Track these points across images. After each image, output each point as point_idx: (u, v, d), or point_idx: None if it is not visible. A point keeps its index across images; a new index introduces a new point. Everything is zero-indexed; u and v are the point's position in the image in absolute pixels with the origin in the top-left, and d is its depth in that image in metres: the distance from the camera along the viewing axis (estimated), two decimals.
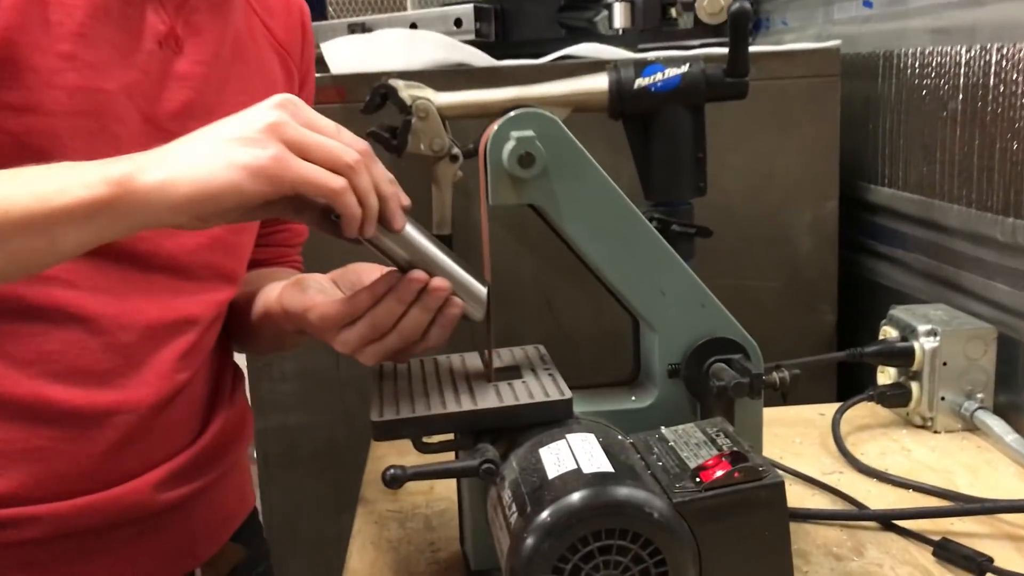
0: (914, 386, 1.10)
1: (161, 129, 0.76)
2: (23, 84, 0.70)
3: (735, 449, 0.70)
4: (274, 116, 0.64)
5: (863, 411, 1.16)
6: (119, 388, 0.78)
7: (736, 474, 0.67)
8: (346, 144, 0.66)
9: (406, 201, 0.73)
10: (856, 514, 0.90)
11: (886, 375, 1.15)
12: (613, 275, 0.78)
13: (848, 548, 0.85)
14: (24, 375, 0.74)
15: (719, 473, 0.67)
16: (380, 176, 0.68)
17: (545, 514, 0.65)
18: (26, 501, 0.76)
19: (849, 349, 1.10)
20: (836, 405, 1.14)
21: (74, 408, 0.76)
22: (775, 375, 0.77)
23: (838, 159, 1.36)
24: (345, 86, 1.32)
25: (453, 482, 0.84)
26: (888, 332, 1.14)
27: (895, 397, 1.11)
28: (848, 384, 1.37)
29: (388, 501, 0.99)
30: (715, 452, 0.71)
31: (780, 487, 0.67)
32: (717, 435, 0.74)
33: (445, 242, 1.35)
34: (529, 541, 0.64)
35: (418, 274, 0.74)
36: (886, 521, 0.88)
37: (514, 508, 0.68)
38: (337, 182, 0.65)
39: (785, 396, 0.77)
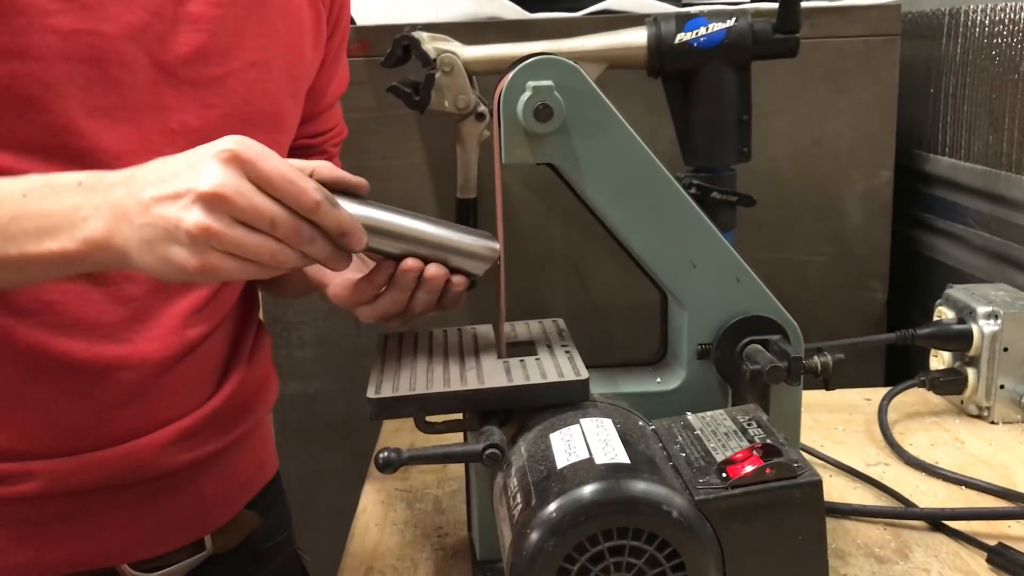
0: (970, 372, 1.01)
1: (173, 75, 0.71)
2: (8, 28, 0.65)
3: (768, 441, 0.63)
4: (205, 216, 0.58)
5: (913, 397, 1.07)
6: (124, 342, 0.74)
7: (768, 470, 0.59)
8: (299, 194, 0.61)
9: (364, 187, 0.69)
10: (902, 512, 0.82)
11: (939, 359, 1.06)
12: (639, 244, 0.70)
13: (892, 550, 0.78)
14: (22, 325, 0.70)
15: (748, 469, 0.60)
16: (333, 222, 0.63)
17: (551, 508, 0.58)
18: (23, 456, 0.72)
19: (900, 330, 1.02)
20: (884, 390, 1.06)
21: (76, 361, 0.72)
22: (816, 359, 0.69)
23: (895, 126, 1.26)
24: (369, 39, 1.25)
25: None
26: (943, 313, 1.05)
27: (949, 384, 1.02)
28: (898, 368, 1.29)
29: (397, 479, 0.94)
30: (745, 444, 0.64)
31: (817, 487, 0.60)
32: (749, 424, 0.66)
33: (470, 207, 1.29)
34: (533, 537, 0.58)
35: (411, 263, 0.70)
36: (935, 521, 0.81)
37: (519, 499, 0.62)
38: (281, 262, 0.61)
39: (827, 383, 0.70)
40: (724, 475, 0.60)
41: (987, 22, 1.15)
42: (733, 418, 0.68)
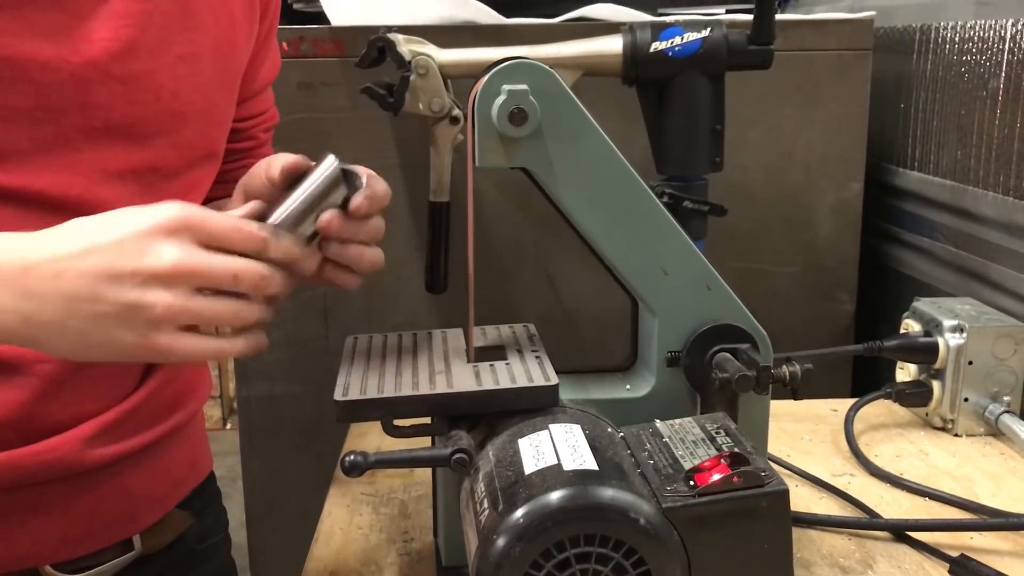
0: (936, 385, 1.02)
1: (102, 71, 0.68)
2: None
3: (736, 450, 0.63)
4: (167, 294, 0.57)
5: (879, 409, 1.08)
6: None
7: (735, 479, 0.59)
8: (248, 238, 0.61)
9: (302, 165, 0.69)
10: (867, 523, 0.83)
11: (905, 371, 1.07)
12: (611, 250, 0.70)
13: (856, 560, 0.78)
14: None
15: (716, 477, 0.60)
16: (282, 253, 0.63)
17: (518, 514, 0.58)
18: None
19: (868, 342, 1.03)
20: (851, 401, 1.07)
21: None
22: (785, 369, 0.70)
23: (865, 139, 1.27)
24: (343, 39, 1.24)
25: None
26: (910, 325, 1.06)
27: (914, 396, 1.03)
28: (864, 379, 1.30)
29: (363, 483, 0.93)
30: (713, 452, 0.64)
31: (784, 496, 0.60)
32: (717, 432, 0.66)
33: (443, 210, 1.28)
34: (499, 543, 0.58)
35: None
36: (900, 532, 0.81)
37: (486, 504, 0.62)
38: (244, 319, 0.62)
39: (795, 392, 0.70)
40: (692, 483, 0.60)
41: (957, 39, 1.17)
42: (702, 426, 0.68)
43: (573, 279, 1.30)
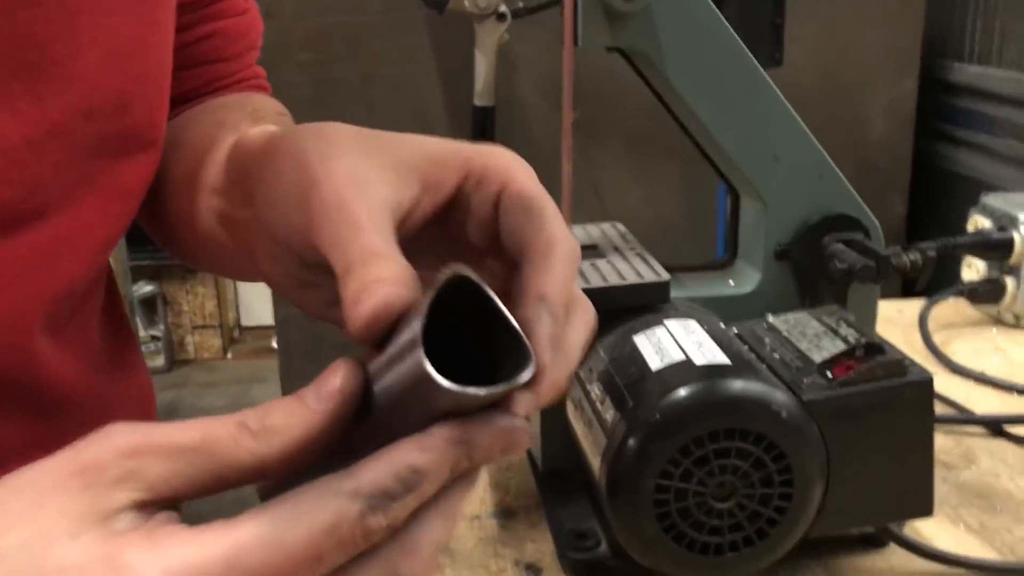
0: (1009, 281, 0.99)
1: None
2: None
3: (870, 340, 0.60)
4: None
5: (945, 310, 1.06)
6: None
7: (877, 369, 0.57)
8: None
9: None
10: (963, 418, 0.81)
11: (973, 270, 1.04)
12: (721, 135, 0.66)
13: (957, 456, 0.76)
14: None
15: (856, 367, 0.57)
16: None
17: (653, 410, 0.55)
18: None
19: (939, 239, 1.00)
20: (915, 302, 1.05)
21: None
22: (906, 257, 0.67)
23: (921, 32, 1.23)
24: None
25: None
26: (979, 222, 1.03)
27: (988, 293, 1.01)
28: (910, 284, 1.27)
29: None
30: (840, 344, 0.61)
31: (928, 385, 0.57)
32: (838, 324, 0.64)
33: (488, 115, 1.23)
34: (632, 442, 0.55)
35: None
36: (996, 426, 0.79)
37: (608, 403, 0.59)
38: None
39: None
40: (829, 375, 0.58)
41: None
42: (819, 319, 0.65)
43: (618, 187, 1.26)
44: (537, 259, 0.37)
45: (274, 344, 2.21)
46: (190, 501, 0.31)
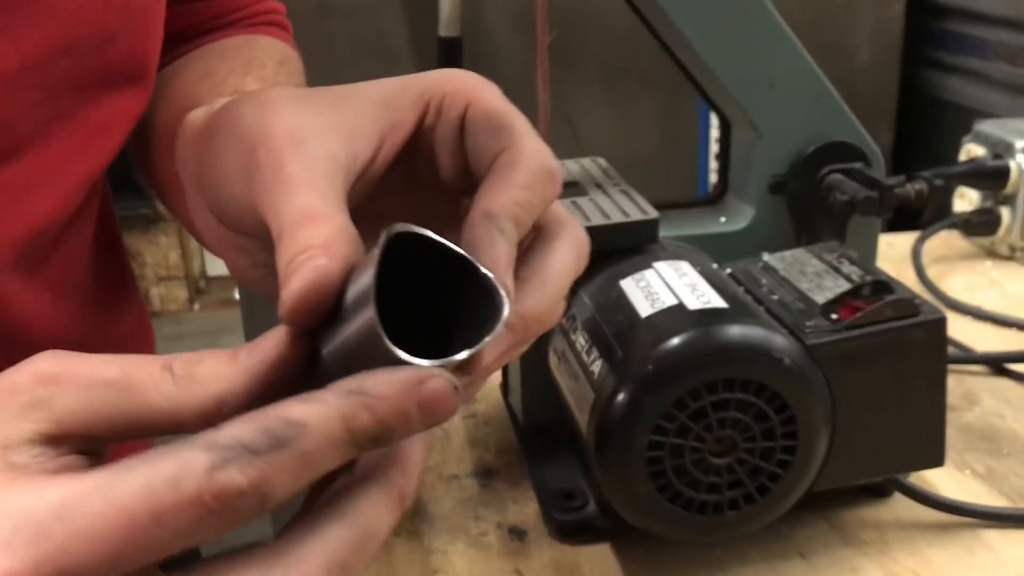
0: (1004, 212, 0.95)
1: None
2: None
3: (877, 278, 0.55)
4: None
5: (935, 243, 1.02)
6: None
7: (886, 309, 0.52)
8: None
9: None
10: (962, 357, 0.77)
11: (966, 200, 1.00)
12: (712, 57, 0.61)
13: (959, 396, 0.72)
14: None
15: (863, 308, 0.52)
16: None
17: (645, 361, 0.50)
18: None
19: (933, 169, 0.95)
20: (904, 235, 1.00)
21: None
22: (910, 187, 0.62)
23: None
24: None
25: None
26: (973, 150, 0.98)
27: (982, 225, 0.97)
28: (899, 214, 1.23)
29: None
30: (843, 283, 0.56)
31: (941, 324, 0.53)
32: (840, 262, 0.59)
33: (454, 46, 1.17)
34: (623, 396, 0.50)
35: None
36: (998, 365, 0.76)
37: (595, 353, 0.54)
38: None
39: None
40: (834, 316, 0.53)
41: None
42: (818, 256, 0.60)
43: (591, 118, 1.20)
44: (494, 174, 0.33)
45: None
46: None
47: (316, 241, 0.29)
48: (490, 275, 0.28)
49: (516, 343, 0.31)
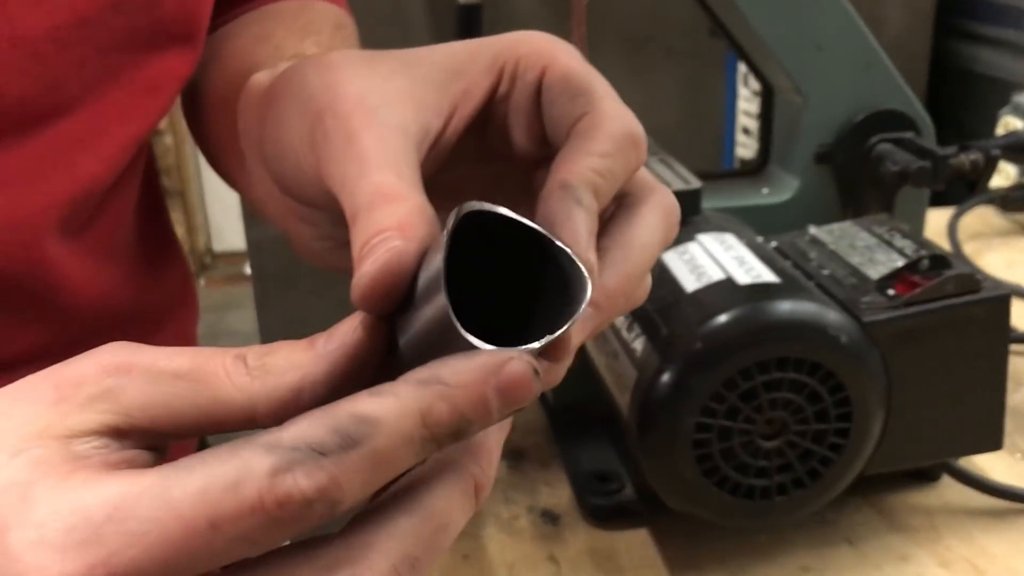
0: None
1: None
2: None
3: (934, 253, 0.52)
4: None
5: (970, 219, 0.98)
6: None
7: (946, 285, 0.49)
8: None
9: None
10: (1013, 337, 0.74)
11: (1003, 175, 0.97)
12: (758, 20, 0.57)
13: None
14: None
15: (923, 284, 0.50)
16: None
17: (692, 338, 0.47)
18: None
19: (969, 142, 0.92)
20: (937, 211, 0.97)
21: None
22: (964, 158, 0.59)
23: None
24: None
25: None
26: (1011, 123, 0.95)
27: (1021, 200, 0.94)
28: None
29: None
30: (896, 257, 0.53)
31: (1005, 301, 0.50)
32: (891, 235, 0.56)
33: (473, 14, 1.13)
34: (668, 375, 0.47)
35: None
36: None
37: (637, 330, 0.51)
38: None
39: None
40: (890, 292, 0.50)
41: None
42: (868, 229, 0.57)
43: (616, 90, 1.17)
44: (572, 141, 0.30)
45: (247, 270, 2.13)
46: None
47: (391, 222, 0.26)
48: (569, 251, 0.25)
49: (600, 323, 0.28)
